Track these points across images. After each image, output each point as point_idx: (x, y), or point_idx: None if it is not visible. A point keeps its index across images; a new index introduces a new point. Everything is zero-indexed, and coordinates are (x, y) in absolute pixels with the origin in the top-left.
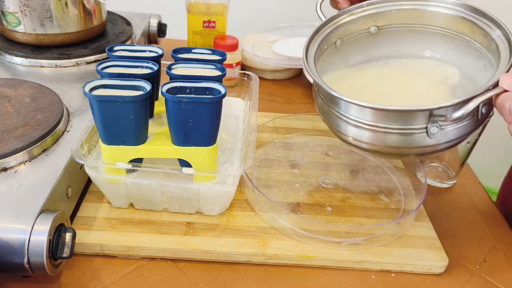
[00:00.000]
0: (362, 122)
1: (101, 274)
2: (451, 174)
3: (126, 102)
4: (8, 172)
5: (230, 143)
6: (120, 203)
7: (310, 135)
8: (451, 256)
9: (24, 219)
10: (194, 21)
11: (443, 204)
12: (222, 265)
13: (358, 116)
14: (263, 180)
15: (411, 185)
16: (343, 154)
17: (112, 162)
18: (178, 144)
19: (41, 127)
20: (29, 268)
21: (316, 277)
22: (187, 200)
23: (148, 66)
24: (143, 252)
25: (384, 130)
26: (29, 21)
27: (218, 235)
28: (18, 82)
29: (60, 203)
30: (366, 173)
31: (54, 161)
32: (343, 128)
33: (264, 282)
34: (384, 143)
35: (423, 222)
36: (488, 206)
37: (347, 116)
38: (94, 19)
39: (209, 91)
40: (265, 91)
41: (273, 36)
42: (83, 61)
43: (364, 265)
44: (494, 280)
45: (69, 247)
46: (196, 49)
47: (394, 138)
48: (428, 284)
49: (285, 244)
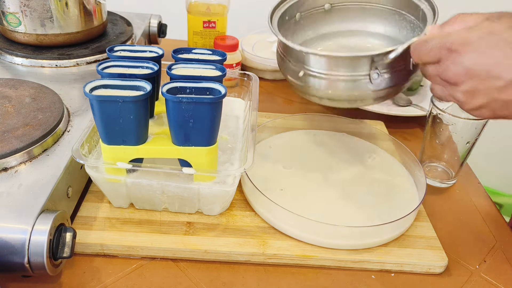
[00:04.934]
0: (319, 72)
1: (101, 273)
2: (451, 174)
3: (126, 102)
4: (8, 172)
5: (230, 143)
6: (121, 203)
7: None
8: (450, 256)
9: (24, 219)
10: (194, 22)
11: (443, 204)
12: (222, 265)
13: (316, 67)
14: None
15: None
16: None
17: (112, 162)
18: (178, 144)
19: (42, 127)
20: (30, 268)
21: (316, 277)
22: (187, 200)
23: (148, 67)
24: (143, 252)
25: (336, 77)
26: (30, 22)
27: (218, 235)
28: (18, 82)
29: (61, 203)
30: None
31: (54, 161)
32: (305, 81)
33: (264, 282)
34: (336, 90)
35: (423, 222)
36: (488, 206)
37: (309, 69)
38: (95, 20)
39: (209, 91)
40: (265, 91)
41: (273, 36)
42: (83, 61)
43: (364, 265)
44: (494, 280)
45: (69, 247)
46: (196, 50)
47: (344, 85)
48: (428, 284)
49: (285, 244)
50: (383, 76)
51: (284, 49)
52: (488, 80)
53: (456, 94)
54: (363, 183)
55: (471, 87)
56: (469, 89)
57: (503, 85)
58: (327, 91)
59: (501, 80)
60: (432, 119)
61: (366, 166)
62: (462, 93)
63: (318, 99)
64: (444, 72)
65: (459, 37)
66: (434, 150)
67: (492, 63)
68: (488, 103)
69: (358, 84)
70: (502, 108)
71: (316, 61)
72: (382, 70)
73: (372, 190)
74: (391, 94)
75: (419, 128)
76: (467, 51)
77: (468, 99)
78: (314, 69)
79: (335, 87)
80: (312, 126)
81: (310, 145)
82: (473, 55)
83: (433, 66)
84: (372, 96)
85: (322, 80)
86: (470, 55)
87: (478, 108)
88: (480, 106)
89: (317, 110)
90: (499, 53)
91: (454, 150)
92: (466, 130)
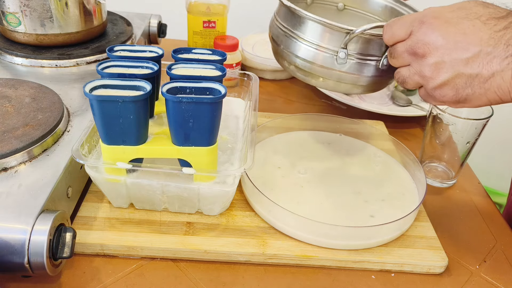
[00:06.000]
0: (295, 33)
1: (101, 274)
2: (451, 174)
3: (126, 102)
4: (8, 172)
5: (230, 143)
6: (120, 203)
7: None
8: (451, 256)
9: (24, 219)
10: (194, 21)
11: (443, 204)
12: (222, 265)
13: (303, 32)
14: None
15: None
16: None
17: (112, 162)
18: (178, 144)
19: (42, 127)
20: (30, 268)
21: (316, 277)
22: (187, 200)
23: (148, 66)
24: (143, 252)
25: (308, 43)
26: (30, 21)
27: (218, 235)
28: (18, 82)
29: (61, 203)
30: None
31: (54, 161)
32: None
33: (264, 282)
34: (312, 59)
35: (423, 222)
36: (488, 206)
37: (298, 35)
38: (95, 19)
39: (209, 91)
40: (265, 91)
41: None
42: (83, 61)
43: (364, 265)
44: (494, 280)
45: (69, 247)
46: (196, 49)
47: (312, 54)
48: (428, 284)
49: (285, 244)
50: (351, 58)
51: (278, 11)
52: (456, 51)
53: (423, 69)
54: (363, 183)
55: (438, 59)
56: (436, 61)
57: (469, 56)
58: (296, 55)
59: (468, 52)
60: (432, 119)
61: (366, 166)
62: (429, 66)
63: (288, 65)
64: (413, 44)
65: (431, 11)
66: (434, 150)
67: (461, 33)
68: (453, 79)
69: (325, 56)
70: (465, 85)
71: (298, 21)
72: (351, 51)
73: (372, 190)
74: (355, 87)
75: (419, 128)
76: (438, 23)
77: (434, 74)
78: (295, 30)
79: (305, 53)
80: (312, 126)
81: (310, 145)
82: (444, 26)
83: (403, 43)
84: (335, 76)
85: (296, 42)
86: (441, 26)
87: (441, 86)
88: (444, 83)
89: (317, 110)
90: (468, 24)
91: (454, 150)
92: (466, 130)
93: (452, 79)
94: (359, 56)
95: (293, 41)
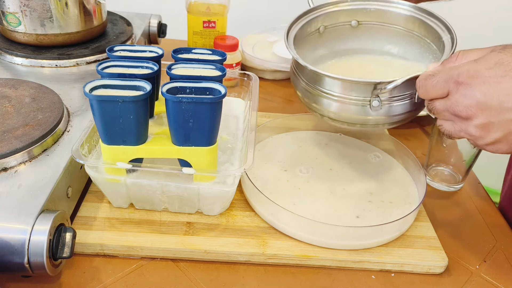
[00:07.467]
0: (323, 89)
1: (101, 274)
2: (458, 178)
3: (126, 102)
4: (8, 172)
5: (230, 143)
6: (120, 203)
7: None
8: (451, 256)
9: (24, 219)
10: (194, 21)
11: (443, 204)
12: (222, 265)
13: (329, 89)
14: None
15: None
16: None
17: (112, 162)
18: (178, 144)
19: (42, 127)
20: (29, 268)
21: (316, 277)
22: (187, 200)
23: (148, 66)
24: (143, 252)
25: (338, 98)
26: (30, 21)
27: (218, 235)
28: (18, 82)
29: (60, 203)
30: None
31: (54, 161)
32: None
33: (264, 282)
34: (337, 110)
35: (423, 222)
36: (488, 206)
37: (326, 92)
38: (94, 20)
39: (209, 91)
40: (265, 91)
41: (273, 37)
42: (83, 61)
43: (364, 265)
44: (494, 280)
45: (69, 247)
46: (196, 49)
47: (344, 107)
48: (428, 284)
49: (285, 244)
50: (385, 104)
51: (295, 63)
52: (502, 112)
53: (469, 129)
54: (363, 183)
55: (484, 121)
56: (483, 122)
57: None
58: (328, 110)
59: None
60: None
61: (366, 166)
62: (476, 127)
63: (320, 117)
64: (453, 106)
65: (466, 70)
66: (441, 154)
67: (504, 94)
68: (505, 136)
69: (358, 108)
70: None
71: (321, 79)
72: (384, 98)
73: (372, 190)
74: (393, 123)
75: (419, 128)
76: (477, 83)
77: (482, 134)
78: (321, 87)
79: (336, 107)
80: (312, 126)
81: (310, 145)
82: (483, 86)
83: (441, 101)
84: (372, 122)
85: (324, 98)
86: (480, 86)
87: (494, 143)
88: (496, 141)
89: None
90: (510, 84)
91: (460, 154)
92: None
93: (504, 137)
94: (393, 99)
95: (323, 98)
